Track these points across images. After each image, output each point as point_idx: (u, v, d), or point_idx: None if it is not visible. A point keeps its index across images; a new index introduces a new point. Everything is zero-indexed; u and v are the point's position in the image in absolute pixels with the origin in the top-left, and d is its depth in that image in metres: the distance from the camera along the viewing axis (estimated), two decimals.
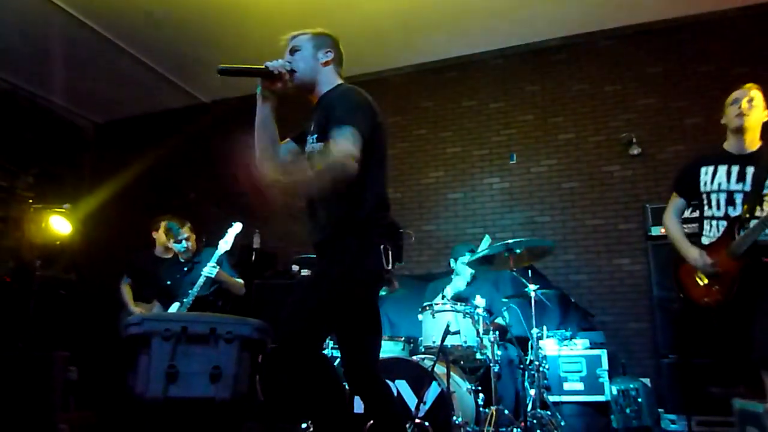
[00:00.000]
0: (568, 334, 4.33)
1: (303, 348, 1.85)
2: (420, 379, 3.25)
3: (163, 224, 4.50)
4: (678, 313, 2.90)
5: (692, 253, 2.71)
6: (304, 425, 3.51)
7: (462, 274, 4.35)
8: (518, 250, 3.76)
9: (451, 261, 4.50)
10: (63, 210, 4.40)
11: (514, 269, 3.82)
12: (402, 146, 5.97)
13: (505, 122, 5.72)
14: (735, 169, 2.69)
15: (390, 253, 2.01)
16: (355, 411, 2.98)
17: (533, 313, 3.83)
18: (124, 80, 6.40)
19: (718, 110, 4.87)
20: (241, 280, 4.18)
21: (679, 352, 4.14)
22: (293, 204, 2.18)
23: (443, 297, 4.12)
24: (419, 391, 3.22)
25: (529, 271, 4.05)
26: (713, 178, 2.73)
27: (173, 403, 2.21)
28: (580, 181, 5.31)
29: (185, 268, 4.14)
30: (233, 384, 2.29)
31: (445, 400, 3.19)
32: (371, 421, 2.20)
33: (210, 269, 3.87)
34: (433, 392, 3.24)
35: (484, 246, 4.26)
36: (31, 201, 4.67)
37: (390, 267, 1.99)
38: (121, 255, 5.28)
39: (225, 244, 3.95)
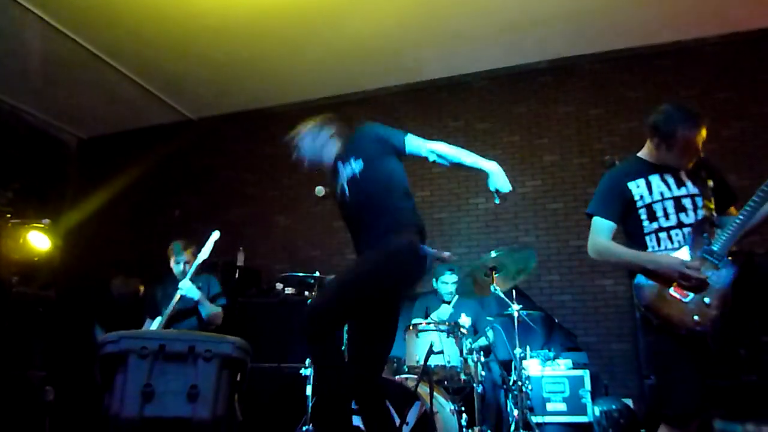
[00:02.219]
0: (551, 354, 4.32)
1: (323, 319, 2.13)
2: (403, 399, 3.22)
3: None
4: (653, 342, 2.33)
5: (668, 260, 2.29)
6: None
7: (443, 292, 4.35)
8: (502, 260, 3.79)
9: (433, 281, 4.51)
10: (42, 225, 4.33)
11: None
12: None
13: (490, 143, 5.76)
14: (668, 176, 2.45)
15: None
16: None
17: (517, 333, 3.83)
18: (109, 95, 6.37)
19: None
20: (218, 309, 4.09)
21: None
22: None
23: (426, 317, 4.10)
24: (402, 411, 3.19)
25: (513, 291, 4.05)
26: (650, 189, 2.45)
27: (149, 423, 2.16)
28: (565, 202, 5.35)
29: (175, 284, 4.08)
30: (212, 404, 2.24)
31: (427, 420, 3.16)
32: None
33: (193, 290, 3.83)
34: (415, 412, 3.20)
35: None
36: (9, 216, 4.58)
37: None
38: (102, 272, 5.22)
39: (204, 252, 3.91)
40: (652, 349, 2.35)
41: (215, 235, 3.99)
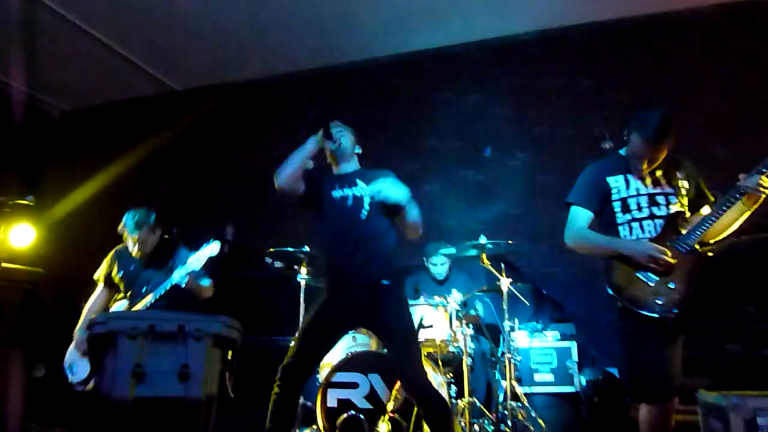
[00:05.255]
0: (539, 326, 4.38)
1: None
2: (393, 373, 3.25)
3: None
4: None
5: (639, 245, 2.47)
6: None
7: (434, 272, 4.38)
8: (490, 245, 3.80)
9: (424, 260, 4.52)
10: (26, 202, 4.25)
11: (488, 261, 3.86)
12: (378, 137, 5.94)
13: (480, 115, 5.71)
14: (647, 174, 2.61)
15: None
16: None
17: (506, 305, 3.87)
18: (91, 66, 6.22)
19: (690, 107, 4.98)
20: (209, 281, 3.81)
21: None
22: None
23: (416, 291, 4.13)
24: (392, 385, 3.23)
25: (502, 264, 4.08)
26: (627, 185, 2.62)
27: (141, 403, 2.17)
28: (555, 174, 5.33)
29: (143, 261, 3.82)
30: (203, 382, 2.25)
31: None
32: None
33: (181, 276, 3.49)
34: None
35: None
36: None
37: None
38: (89, 247, 5.17)
39: (196, 261, 3.51)
40: (620, 333, 2.51)
41: (213, 247, 3.57)
